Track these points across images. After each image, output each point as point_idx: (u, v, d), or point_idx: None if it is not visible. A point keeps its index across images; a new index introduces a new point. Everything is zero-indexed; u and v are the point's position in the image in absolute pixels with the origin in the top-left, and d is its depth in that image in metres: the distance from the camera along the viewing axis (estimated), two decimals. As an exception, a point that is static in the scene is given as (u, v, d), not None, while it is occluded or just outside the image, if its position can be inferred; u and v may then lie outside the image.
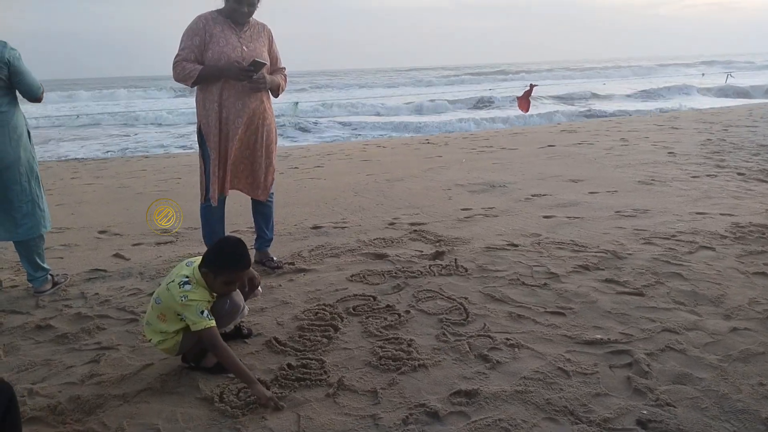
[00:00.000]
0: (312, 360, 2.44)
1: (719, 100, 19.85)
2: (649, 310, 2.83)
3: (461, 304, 2.95)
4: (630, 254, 3.61)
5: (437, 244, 3.97)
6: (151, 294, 3.19)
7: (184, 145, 13.22)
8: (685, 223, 4.26)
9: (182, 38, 3.26)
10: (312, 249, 4.01)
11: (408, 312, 2.89)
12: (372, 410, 2.09)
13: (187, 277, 2.25)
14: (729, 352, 2.41)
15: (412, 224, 4.55)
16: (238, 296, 2.50)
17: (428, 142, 10.24)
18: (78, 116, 17.83)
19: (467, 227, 4.43)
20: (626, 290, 3.07)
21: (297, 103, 19.09)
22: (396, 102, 21.66)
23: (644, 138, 9.19)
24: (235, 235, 2.38)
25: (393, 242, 4.09)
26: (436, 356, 2.45)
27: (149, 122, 18.16)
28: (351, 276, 3.42)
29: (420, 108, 20.49)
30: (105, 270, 3.75)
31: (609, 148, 8.25)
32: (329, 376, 2.32)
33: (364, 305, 3.00)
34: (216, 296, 2.36)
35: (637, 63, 51.75)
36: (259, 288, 2.68)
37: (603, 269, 3.39)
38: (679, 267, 3.37)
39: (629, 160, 7.15)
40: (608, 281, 3.20)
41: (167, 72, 3.35)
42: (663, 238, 3.92)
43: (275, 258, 3.72)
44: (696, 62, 51.18)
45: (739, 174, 6.05)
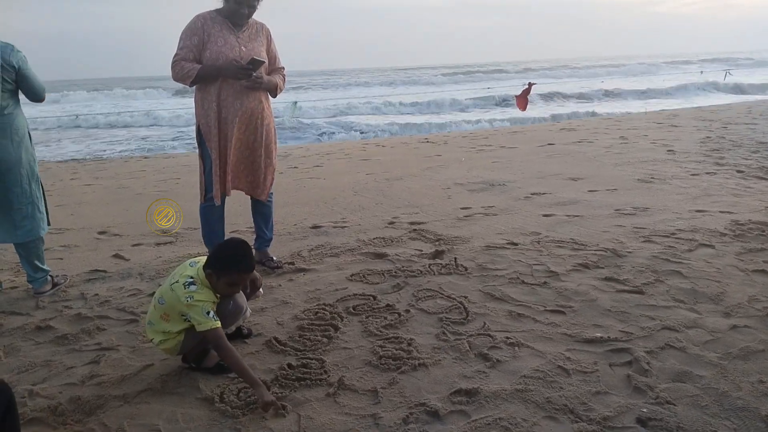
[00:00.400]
0: (312, 360, 2.45)
1: (718, 98, 19.83)
2: (649, 308, 2.83)
3: (461, 303, 2.96)
4: (630, 252, 3.61)
5: (437, 243, 3.97)
6: (151, 294, 3.20)
7: (184, 145, 13.22)
8: (685, 221, 4.27)
9: (181, 38, 3.26)
10: (312, 248, 4.01)
11: (408, 311, 2.89)
12: (372, 409, 2.10)
13: (192, 278, 2.25)
14: (729, 350, 2.41)
15: (412, 223, 4.55)
16: (241, 298, 2.49)
17: (427, 141, 10.23)
18: (77, 117, 17.82)
19: (467, 226, 4.43)
20: (626, 288, 3.07)
21: (296, 103, 19.06)
22: (419, 99, 21.24)
23: (643, 136, 9.19)
24: (239, 237, 2.38)
25: (393, 241, 4.09)
26: (436, 355, 2.45)
27: (147, 122, 18.14)
28: (351, 275, 3.42)
29: (441, 105, 20.09)
30: (105, 271, 3.75)
31: (608, 147, 8.25)
32: (329, 376, 2.32)
33: (364, 305, 3.00)
34: (220, 297, 2.36)
35: (638, 61, 51.72)
36: (261, 289, 2.68)
37: (603, 267, 3.39)
38: (679, 265, 3.37)
39: (629, 158, 7.15)
40: (608, 279, 3.20)
41: (166, 72, 3.35)
42: (662, 236, 3.92)
43: (275, 258, 3.72)
44: (695, 60, 51.17)
45: (739, 171, 6.05)
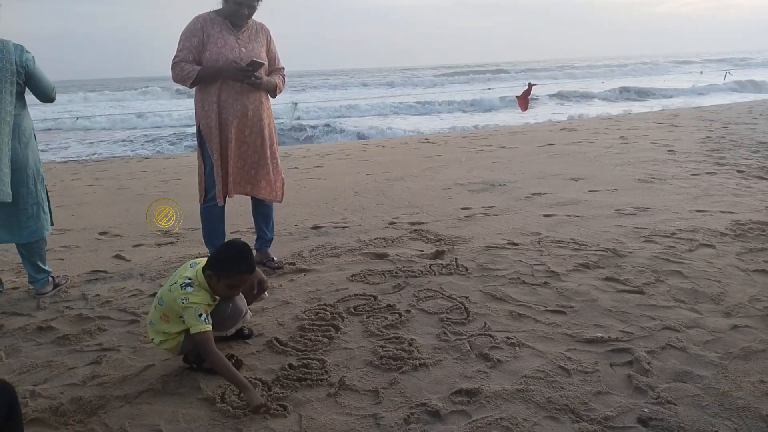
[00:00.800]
0: (313, 360, 2.45)
1: (719, 97, 19.81)
2: (650, 308, 2.83)
3: (462, 303, 2.96)
4: (630, 252, 3.62)
5: (437, 244, 3.97)
6: (152, 295, 3.20)
7: (184, 146, 13.22)
8: (685, 221, 4.27)
9: (180, 39, 3.26)
10: (312, 249, 4.01)
11: (409, 311, 2.89)
12: (373, 410, 2.10)
13: (190, 279, 2.25)
14: (729, 350, 2.41)
15: (413, 224, 4.55)
16: (241, 301, 2.49)
17: (427, 141, 10.24)
18: (77, 118, 17.84)
19: (467, 226, 4.43)
20: (626, 288, 3.08)
21: (296, 104, 19.06)
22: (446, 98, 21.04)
23: (644, 136, 9.19)
24: (240, 238, 2.39)
25: (393, 242, 4.09)
26: (437, 355, 2.45)
27: (148, 123, 18.13)
28: (351, 276, 3.42)
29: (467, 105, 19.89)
30: (106, 271, 3.75)
31: (609, 147, 8.26)
32: (330, 376, 2.32)
33: (365, 305, 3.00)
34: (219, 299, 2.36)
35: (638, 61, 51.72)
36: (266, 292, 2.68)
37: (603, 267, 3.39)
38: (680, 265, 3.37)
39: (629, 158, 7.16)
40: (608, 279, 3.20)
41: (166, 73, 3.35)
42: (663, 236, 3.92)
43: (276, 258, 3.73)
44: (694, 60, 51.18)
45: (739, 171, 6.05)
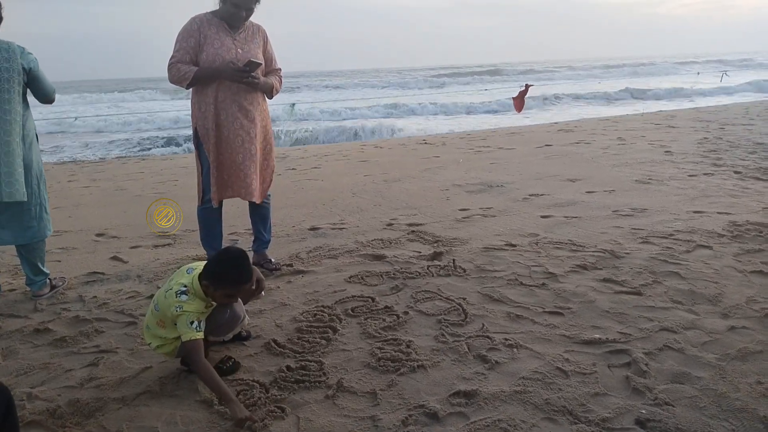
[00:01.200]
0: (311, 362, 2.45)
1: (717, 99, 19.85)
2: (647, 310, 2.84)
3: (460, 305, 2.96)
4: (628, 253, 3.62)
5: (435, 245, 3.97)
6: (149, 297, 3.20)
7: (182, 147, 13.19)
8: (683, 222, 4.27)
9: (177, 40, 3.26)
10: (310, 250, 4.01)
11: (406, 313, 2.89)
12: (371, 411, 2.10)
13: (186, 287, 2.23)
14: (727, 351, 2.42)
15: (410, 225, 4.55)
16: (239, 306, 2.48)
17: (425, 143, 10.24)
18: (76, 119, 17.79)
19: (465, 227, 4.43)
20: (624, 290, 3.08)
21: (294, 104, 19.04)
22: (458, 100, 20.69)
23: (641, 137, 9.21)
24: (237, 247, 2.37)
25: (391, 243, 4.09)
26: (435, 357, 2.45)
27: (145, 124, 18.10)
28: (349, 277, 3.42)
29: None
30: (103, 273, 3.74)
31: (606, 148, 8.27)
32: (328, 378, 2.32)
33: (363, 306, 3.00)
34: (216, 305, 2.35)
35: (637, 62, 51.82)
36: (262, 293, 2.68)
37: (601, 269, 3.39)
38: (677, 266, 3.38)
39: (626, 159, 7.17)
40: (606, 281, 3.20)
41: (163, 73, 3.34)
42: (660, 237, 3.92)
43: (273, 260, 3.72)
44: (692, 61, 51.30)
45: (736, 172, 6.06)
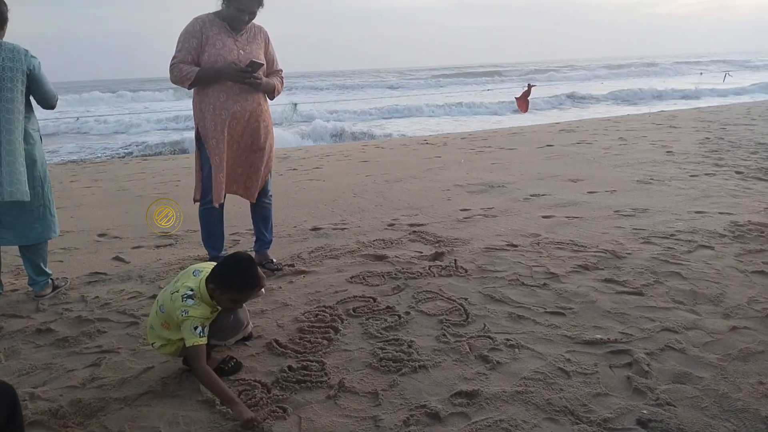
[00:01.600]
0: (312, 362, 2.45)
1: (718, 99, 19.83)
2: (649, 310, 2.84)
3: (461, 305, 2.96)
4: (629, 254, 3.62)
5: (437, 245, 3.97)
6: (152, 297, 3.21)
7: (183, 147, 13.20)
8: (684, 222, 4.27)
9: (179, 40, 3.26)
10: (311, 251, 4.01)
11: (408, 313, 2.89)
12: (373, 412, 2.10)
13: (192, 291, 2.22)
14: (728, 351, 2.42)
15: (412, 225, 4.55)
16: (243, 312, 2.48)
17: (426, 143, 10.24)
18: (78, 118, 17.82)
19: (466, 228, 4.43)
20: (626, 290, 3.08)
21: (296, 105, 19.06)
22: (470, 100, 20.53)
23: (642, 137, 9.20)
24: (244, 252, 2.37)
25: (392, 243, 4.09)
26: (437, 357, 2.46)
27: (146, 124, 18.12)
28: (351, 277, 3.42)
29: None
30: (105, 273, 3.75)
31: (607, 148, 8.26)
32: (330, 378, 2.32)
33: (364, 307, 3.00)
34: (220, 309, 2.36)
35: (637, 62, 51.78)
36: (263, 290, 2.68)
37: (602, 269, 3.39)
38: (678, 266, 3.38)
39: (628, 160, 7.16)
40: (608, 281, 3.20)
41: (166, 74, 3.35)
42: (662, 238, 3.92)
43: (275, 260, 3.72)
44: (694, 61, 51.27)
45: (738, 173, 6.06)
